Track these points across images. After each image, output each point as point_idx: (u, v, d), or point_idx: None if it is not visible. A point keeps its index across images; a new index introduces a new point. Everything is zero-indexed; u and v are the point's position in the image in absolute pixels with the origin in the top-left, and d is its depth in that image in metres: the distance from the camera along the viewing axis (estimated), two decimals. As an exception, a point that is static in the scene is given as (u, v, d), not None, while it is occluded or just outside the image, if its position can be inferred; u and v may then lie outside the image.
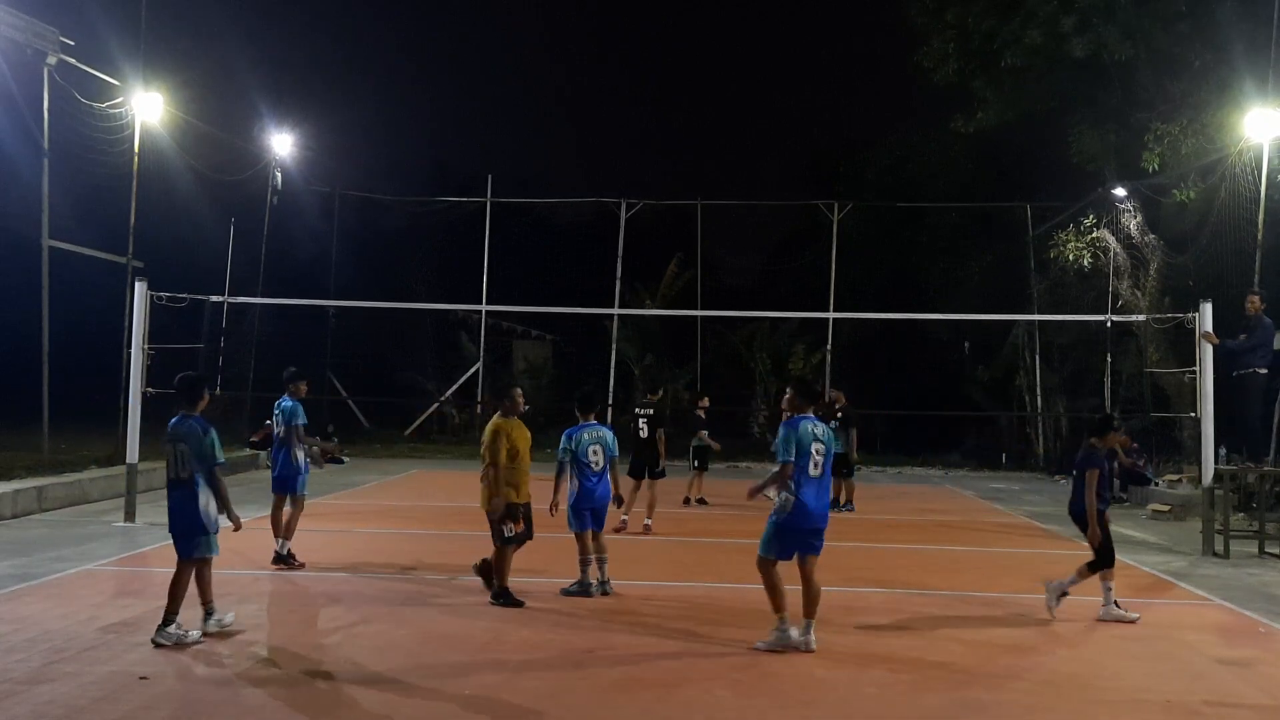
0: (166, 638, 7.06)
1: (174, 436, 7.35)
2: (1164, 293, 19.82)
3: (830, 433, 7.58)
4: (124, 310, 16.56)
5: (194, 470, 7.30)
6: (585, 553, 9.07)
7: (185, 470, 7.30)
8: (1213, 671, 7.16)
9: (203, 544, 7.37)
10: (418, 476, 20.32)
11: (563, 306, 23.98)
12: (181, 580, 7.29)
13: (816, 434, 7.34)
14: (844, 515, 14.91)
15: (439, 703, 6.08)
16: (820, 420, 7.60)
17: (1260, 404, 13.83)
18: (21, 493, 13.35)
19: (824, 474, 7.35)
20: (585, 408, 9.45)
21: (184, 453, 7.29)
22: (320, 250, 27.86)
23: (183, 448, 7.30)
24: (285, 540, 10.06)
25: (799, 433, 7.29)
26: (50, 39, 15.78)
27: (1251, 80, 16.50)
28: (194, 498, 7.30)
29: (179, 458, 7.31)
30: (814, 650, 7.19)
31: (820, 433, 7.38)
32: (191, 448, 7.29)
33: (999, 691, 6.54)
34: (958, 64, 23.19)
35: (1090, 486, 8.47)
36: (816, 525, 7.33)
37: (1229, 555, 11.98)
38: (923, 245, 30.30)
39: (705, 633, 7.67)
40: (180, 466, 7.32)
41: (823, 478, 7.35)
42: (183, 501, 7.32)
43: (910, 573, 10.73)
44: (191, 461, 7.29)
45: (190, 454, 7.29)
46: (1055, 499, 18.61)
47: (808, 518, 7.26)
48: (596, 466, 9.08)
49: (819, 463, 7.31)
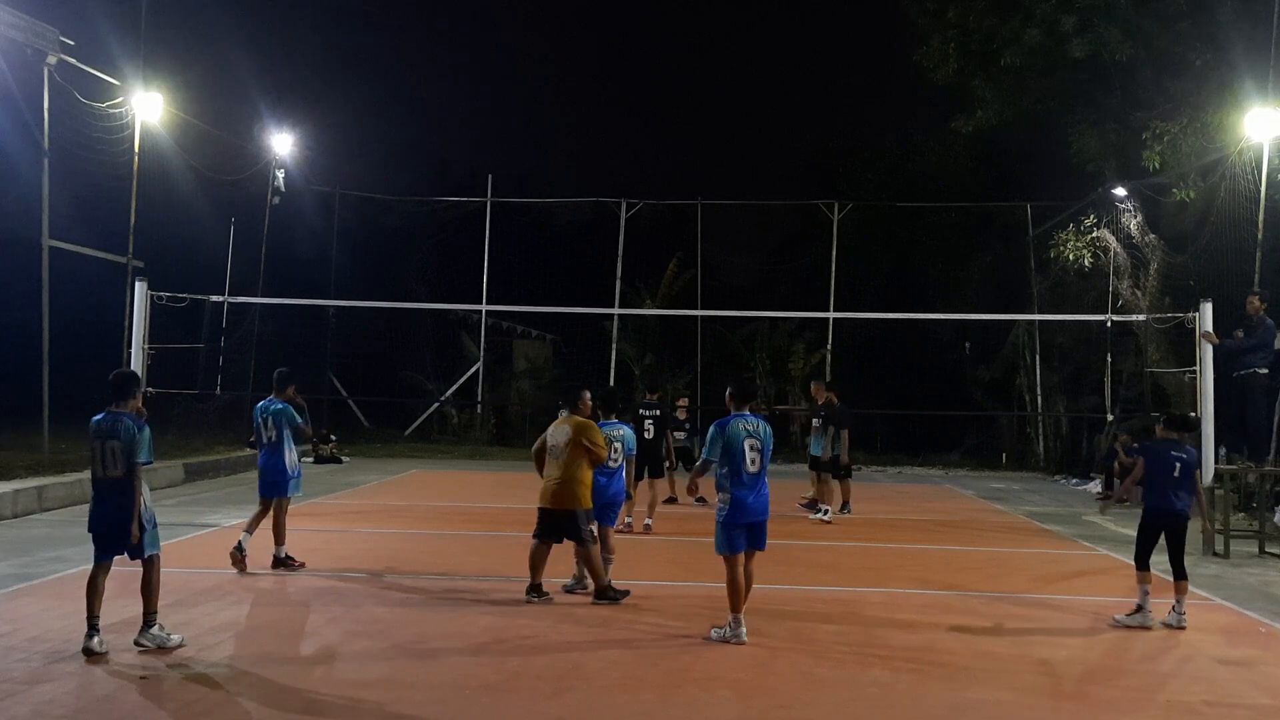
0: (150, 639, 6.97)
1: (103, 433, 7.07)
2: (1164, 292, 19.80)
3: (767, 429, 7.75)
4: (124, 310, 16.57)
5: (123, 467, 7.02)
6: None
7: (116, 468, 7.02)
8: (1213, 671, 7.16)
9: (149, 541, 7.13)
10: (418, 476, 20.31)
11: (563, 306, 23.98)
12: (152, 579, 7.10)
13: (750, 430, 7.60)
14: (843, 516, 14.83)
15: (439, 703, 6.08)
16: (760, 417, 7.80)
17: (1263, 404, 13.83)
18: (21, 493, 13.35)
19: (760, 470, 7.61)
20: (607, 407, 9.87)
21: (114, 449, 7.01)
22: (320, 250, 27.86)
23: (113, 444, 7.02)
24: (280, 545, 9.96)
25: (727, 433, 7.59)
26: (50, 39, 15.76)
27: (1251, 80, 16.49)
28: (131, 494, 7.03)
29: (108, 454, 7.03)
30: (744, 643, 7.37)
31: (755, 429, 7.64)
32: (124, 444, 7.01)
33: (999, 691, 6.54)
34: (958, 63, 23.18)
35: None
36: (752, 520, 7.59)
37: (1229, 555, 11.98)
38: (923, 245, 30.29)
39: (705, 633, 7.67)
40: (110, 464, 7.03)
41: (760, 474, 7.60)
42: (122, 499, 7.02)
43: (910, 573, 10.73)
44: (121, 459, 7.01)
45: (121, 450, 7.00)
46: (1055, 499, 18.63)
47: (744, 513, 7.56)
48: (613, 464, 9.30)
49: (755, 460, 7.57)
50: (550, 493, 8.66)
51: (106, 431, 7.08)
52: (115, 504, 7.04)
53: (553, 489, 8.65)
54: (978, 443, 27.92)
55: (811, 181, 35.39)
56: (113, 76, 17.50)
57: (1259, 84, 16.08)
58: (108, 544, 7.12)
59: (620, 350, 27.76)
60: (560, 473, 8.63)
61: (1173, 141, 18.44)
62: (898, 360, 28.13)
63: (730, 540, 7.57)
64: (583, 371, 26.66)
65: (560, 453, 8.65)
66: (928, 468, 25.40)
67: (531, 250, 28.06)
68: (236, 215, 23.10)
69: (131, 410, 7.22)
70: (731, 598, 7.54)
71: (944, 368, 28.89)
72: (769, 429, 7.80)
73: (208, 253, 22.78)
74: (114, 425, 7.08)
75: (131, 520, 6.96)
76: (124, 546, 7.07)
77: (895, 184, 30.79)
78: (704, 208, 28.50)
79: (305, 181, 25.84)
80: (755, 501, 7.57)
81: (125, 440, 7.03)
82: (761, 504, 7.63)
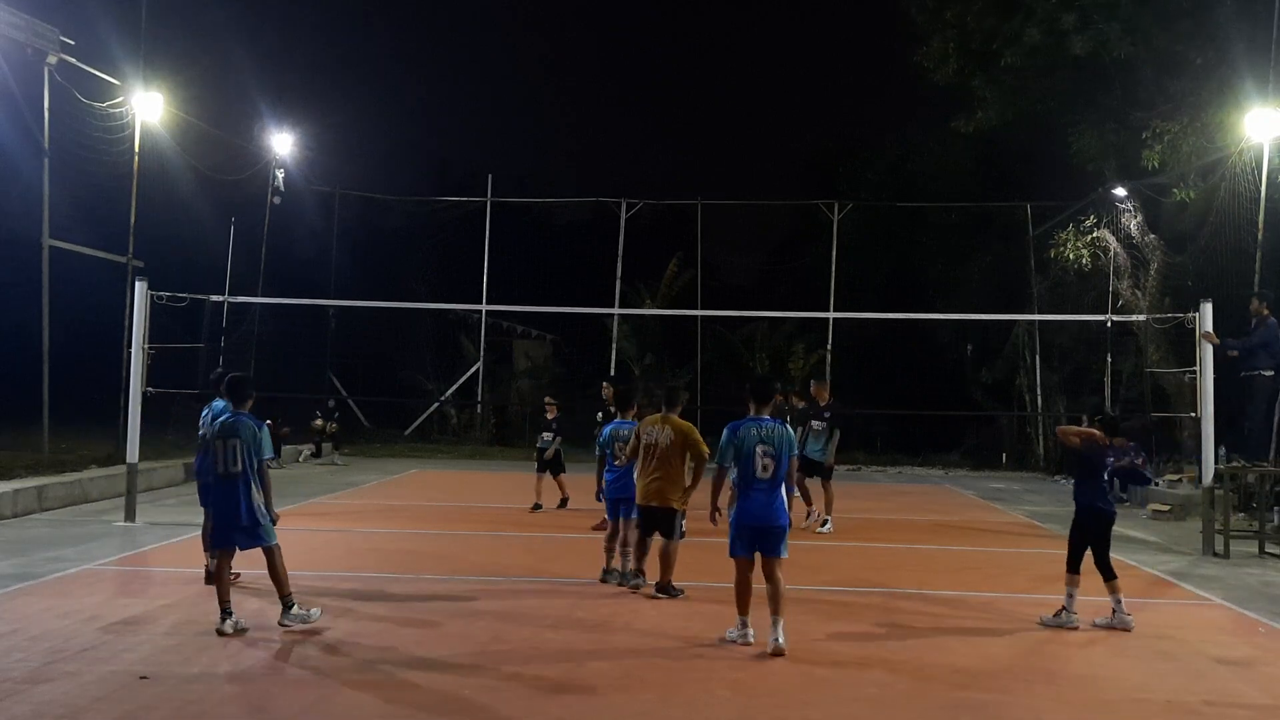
0: (293, 619, 7.43)
1: (226, 432, 7.57)
2: (1164, 293, 19.80)
3: (782, 433, 7.44)
4: (124, 310, 16.56)
5: (245, 465, 7.53)
6: (609, 540, 9.64)
7: (237, 465, 7.52)
8: (1213, 671, 7.16)
9: (265, 533, 7.60)
10: (418, 476, 20.32)
11: (563, 306, 23.95)
12: (277, 565, 7.56)
13: (763, 435, 7.33)
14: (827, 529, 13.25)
15: (439, 703, 6.08)
16: (779, 421, 7.59)
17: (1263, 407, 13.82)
18: (21, 492, 13.34)
19: (773, 477, 7.32)
20: (624, 406, 10.26)
21: (236, 447, 7.52)
22: (320, 250, 27.85)
23: (235, 442, 7.52)
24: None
25: (738, 437, 7.36)
26: (50, 39, 15.77)
27: (1252, 80, 16.49)
28: (248, 492, 7.54)
29: (228, 452, 7.52)
30: (783, 651, 7.10)
31: (770, 433, 7.35)
32: (248, 442, 7.53)
33: (999, 691, 6.54)
34: (958, 63, 23.17)
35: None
36: (760, 524, 7.32)
37: (1229, 555, 11.98)
38: (923, 245, 30.28)
39: (705, 633, 7.67)
40: (231, 461, 7.53)
41: (772, 480, 7.32)
42: (240, 494, 7.54)
43: (910, 573, 10.72)
44: (244, 456, 7.52)
45: (244, 448, 7.52)
46: (1055, 499, 18.60)
47: (753, 517, 7.32)
48: (619, 464, 9.57)
49: (767, 465, 7.30)
50: (655, 490, 8.84)
51: (229, 430, 7.57)
52: (233, 499, 7.50)
53: (656, 487, 8.83)
54: (978, 443, 27.91)
55: (811, 181, 35.39)
56: (113, 76, 17.51)
57: (1259, 84, 16.07)
58: (226, 536, 7.61)
59: (620, 350, 27.77)
60: (663, 471, 8.81)
61: (1173, 141, 18.44)
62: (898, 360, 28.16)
63: (737, 541, 7.42)
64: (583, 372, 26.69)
65: (662, 452, 8.81)
66: (928, 468, 25.39)
67: (531, 250, 28.07)
68: (236, 215, 23.10)
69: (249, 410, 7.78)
70: (738, 600, 7.45)
71: (944, 368, 28.89)
72: (788, 433, 7.49)
73: (208, 253, 22.78)
74: (236, 425, 7.59)
75: (251, 512, 7.49)
76: (240, 538, 7.56)
77: (895, 184, 30.78)
78: (704, 208, 28.50)
79: (305, 181, 25.84)
80: (762, 508, 7.30)
81: (249, 439, 7.53)
82: (770, 511, 7.33)
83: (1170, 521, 15.40)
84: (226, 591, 7.49)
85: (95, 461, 16.08)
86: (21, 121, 16.07)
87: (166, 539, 11.52)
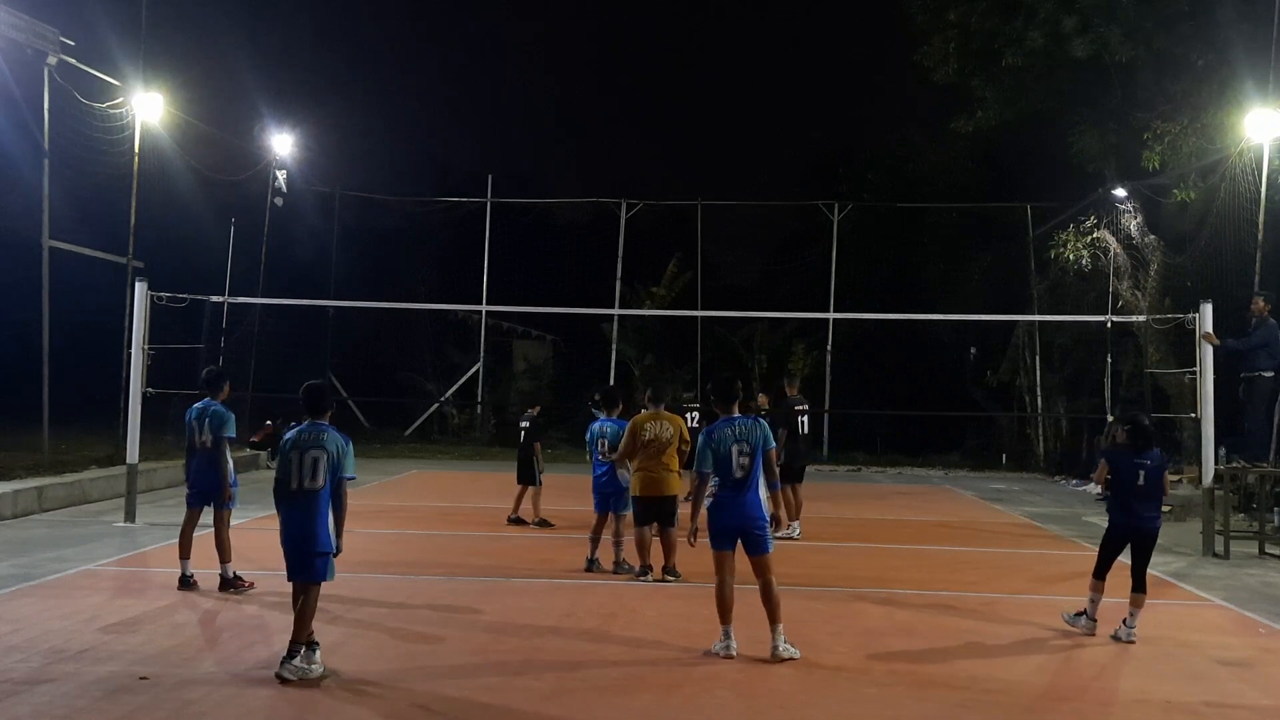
0: (293, 672, 6.37)
1: (305, 444, 6.68)
2: (1164, 293, 19.79)
3: (755, 428, 7.35)
4: (124, 310, 16.56)
5: (325, 481, 6.65)
6: (595, 530, 10.14)
7: (317, 480, 6.64)
8: (1213, 671, 7.16)
9: (323, 566, 6.68)
10: (417, 477, 20.32)
11: (563, 307, 23.97)
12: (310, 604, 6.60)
13: (737, 435, 7.27)
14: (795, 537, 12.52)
15: (439, 703, 6.08)
16: (752, 418, 7.54)
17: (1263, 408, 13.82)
18: (21, 493, 13.35)
19: (748, 475, 7.25)
20: (609, 405, 10.70)
21: (317, 460, 6.63)
22: (320, 250, 27.84)
23: (314, 454, 6.64)
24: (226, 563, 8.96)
25: (714, 439, 7.29)
26: (50, 39, 15.77)
27: (1252, 81, 16.49)
28: (324, 512, 6.67)
29: (306, 465, 6.63)
30: (783, 658, 6.99)
31: (745, 432, 7.29)
32: (331, 456, 6.66)
33: (999, 692, 6.54)
34: (958, 64, 23.14)
35: None
36: (738, 525, 7.23)
37: (1229, 556, 11.98)
38: (923, 245, 30.27)
39: (705, 633, 7.67)
40: (309, 476, 6.64)
41: (747, 479, 7.24)
42: (315, 512, 6.66)
43: (910, 573, 10.72)
44: (325, 472, 6.64)
45: (327, 463, 6.64)
46: (1055, 499, 18.63)
47: (730, 518, 7.23)
48: (604, 458, 10.19)
49: (744, 463, 7.24)
50: (654, 481, 9.45)
51: (309, 442, 6.67)
52: (309, 518, 6.63)
53: (655, 478, 9.45)
54: (978, 443, 27.93)
55: (812, 182, 35.41)
56: (113, 76, 17.51)
57: (1259, 85, 16.08)
58: (303, 564, 6.67)
59: (620, 350, 27.77)
60: (662, 463, 9.47)
61: (1173, 142, 18.43)
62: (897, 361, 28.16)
63: (717, 535, 7.28)
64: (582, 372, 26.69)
65: (664, 446, 9.45)
66: (928, 468, 25.39)
67: (531, 250, 28.07)
68: (237, 216, 23.10)
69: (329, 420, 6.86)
70: (719, 607, 7.23)
71: (944, 368, 28.90)
72: (761, 427, 7.38)
73: (208, 253, 22.77)
74: (318, 437, 6.69)
75: (327, 538, 6.66)
76: (308, 563, 6.63)
77: (895, 185, 30.77)
78: (704, 208, 28.52)
79: (305, 182, 25.85)
80: (740, 507, 7.20)
81: (333, 453, 6.66)
82: (746, 512, 7.21)
83: (1170, 521, 15.35)
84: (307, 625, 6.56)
85: (95, 462, 16.08)
86: (21, 122, 16.07)
87: (166, 540, 11.47)
